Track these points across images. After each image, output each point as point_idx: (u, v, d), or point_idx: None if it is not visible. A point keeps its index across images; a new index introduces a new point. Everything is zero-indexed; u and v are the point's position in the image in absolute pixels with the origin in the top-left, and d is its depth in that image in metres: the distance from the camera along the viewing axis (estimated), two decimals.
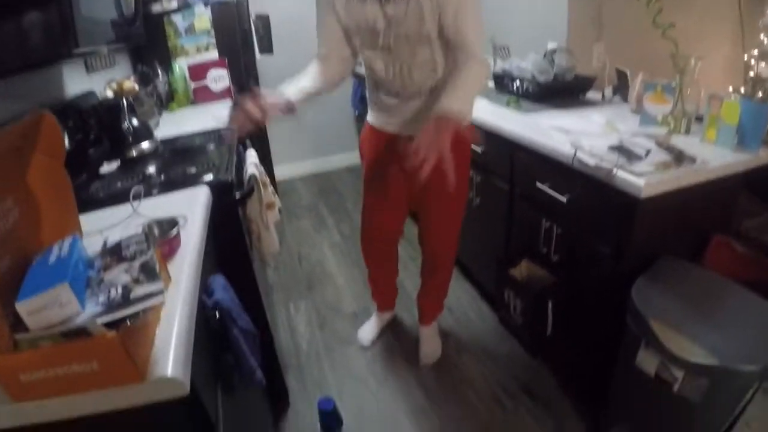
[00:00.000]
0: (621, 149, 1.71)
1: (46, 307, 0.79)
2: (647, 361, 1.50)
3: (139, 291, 0.88)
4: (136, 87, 2.49)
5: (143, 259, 0.96)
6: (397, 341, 2.61)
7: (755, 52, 1.73)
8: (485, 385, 2.27)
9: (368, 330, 2.65)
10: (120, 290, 0.88)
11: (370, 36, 1.77)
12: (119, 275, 0.92)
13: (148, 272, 0.93)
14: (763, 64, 1.70)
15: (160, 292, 0.89)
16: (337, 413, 2.09)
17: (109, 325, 0.79)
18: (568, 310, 1.98)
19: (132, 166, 1.94)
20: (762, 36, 1.73)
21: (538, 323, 2.03)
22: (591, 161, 1.66)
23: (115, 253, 0.99)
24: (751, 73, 1.72)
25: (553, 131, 1.98)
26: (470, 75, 1.65)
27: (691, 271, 1.66)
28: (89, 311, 0.84)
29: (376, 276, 2.57)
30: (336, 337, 2.68)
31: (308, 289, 3.14)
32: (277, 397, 2.20)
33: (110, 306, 0.85)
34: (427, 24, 1.66)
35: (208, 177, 1.66)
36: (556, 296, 1.98)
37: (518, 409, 2.13)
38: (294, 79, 1.80)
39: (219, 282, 1.31)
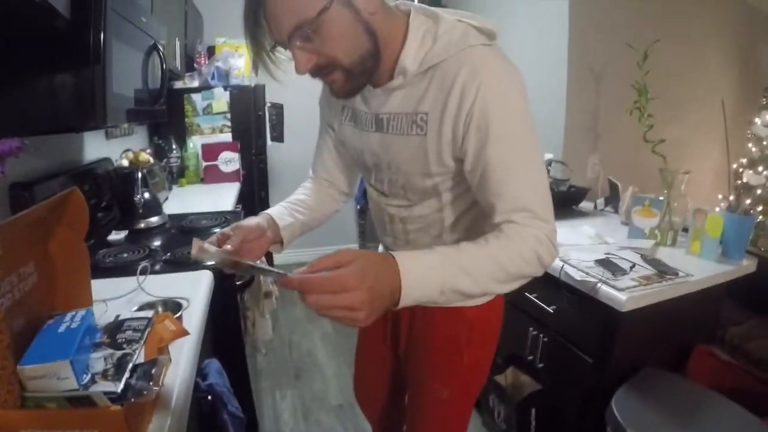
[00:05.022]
0: (607, 263, 1.79)
1: (46, 376, 0.82)
2: None
3: (98, 387, 0.85)
4: (151, 160, 2.58)
5: (125, 351, 0.94)
6: None
7: (744, 161, 1.80)
8: None
9: None
10: (87, 378, 0.86)
11: (363, 170, 1.36)
12: (98, 360, 0.91)
13: (119, 368, 0.89)
14: (750, 172, 1.78)
15: (114, 395, 0.83)
16: None
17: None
18: (552, 417, 1.99)
19: (139, 238, 2.01)
20: (750, 145, 1.81)
21: (521, 429, 2.04)
22: (577, 276, 1.74)
23: (114, 331, 1.02)
24: (739, 182, 1.80)
25: None
26: (504, 243, 0.98)
27: (673, 382, 1.70)
28: None
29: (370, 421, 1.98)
30: (320, 429, 2.65)
31: (296, 378, 3.12)
32: None
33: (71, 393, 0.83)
34: (431, 167, 1.12)
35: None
36: (540, 404, 2.00)
37: None
38: (287, 204, 1.40)
39: (214, 366, 1.35)
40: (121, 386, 0.84)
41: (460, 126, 1.04)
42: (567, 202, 2.65)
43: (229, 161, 3.38)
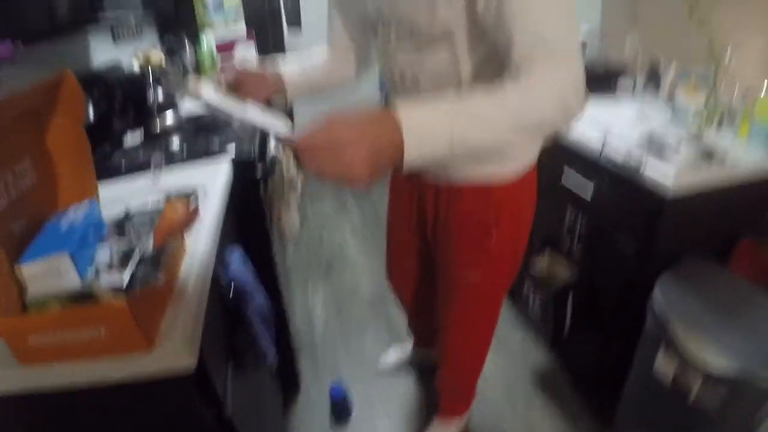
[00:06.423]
0: (651, 143, 1.65)
1: (45, 274, 0.77)
2: (665, 366, 1.45)
3: (103, 279, 0.81)
4: (163, 59, 2.48)
5: (132, 242, 0.90)
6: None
7: None
8: (498, 376, 2.23)
9: (393, 354, 2.34)
10: (91, 273, 0.82)
11: (364, 29, 1.30)
12: (103, 254, 0.86)
13: (125, 260, 0.85)
14: None
15: (119, 287, 0.79)
16: (347, 402, 2.08)
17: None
18: (588, 306, 1.93)
19: (155, 139, 1.94)
20: None
21: (557, 318, 1.99)
22: (619, 156, 1.61)
23: (122, 224, 0.96)
24: None
25: (581, 121, 1.92)
26: (523, 86, 0.87)
27: (717, 273, 1.60)
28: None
29: (404, 308, 2.09)
30: (352, 323, 2.66)
31: (327, 272, 3.12)
32: (289, 380, 2.19)
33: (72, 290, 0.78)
34: (441, 11, 0.99)
35: (231, 151, 1.66)
36: (577, 292, 1.93)
37: (530, 404, 2.09)
38: (299, 57, 1.46)
39: (236, 256, 1.29)
40: (126, 277, 0.77)
41: None
42: (604, 80, 2.49)
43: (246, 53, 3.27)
